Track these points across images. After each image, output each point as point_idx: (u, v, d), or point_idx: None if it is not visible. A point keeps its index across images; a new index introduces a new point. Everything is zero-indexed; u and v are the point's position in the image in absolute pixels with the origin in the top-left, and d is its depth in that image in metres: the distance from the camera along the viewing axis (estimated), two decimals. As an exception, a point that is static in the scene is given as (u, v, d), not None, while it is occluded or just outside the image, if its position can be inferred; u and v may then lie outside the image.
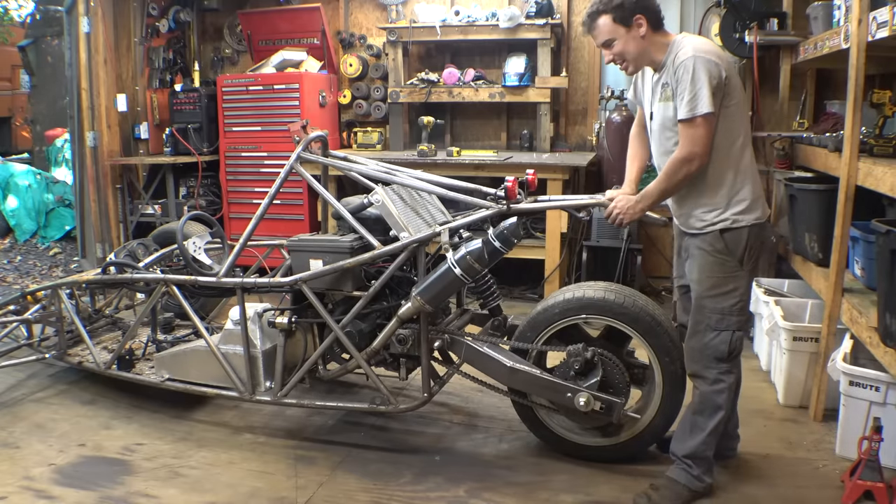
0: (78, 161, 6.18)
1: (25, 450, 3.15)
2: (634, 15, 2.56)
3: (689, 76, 2.45)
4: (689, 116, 2.46)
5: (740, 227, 2.58)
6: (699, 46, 2.51)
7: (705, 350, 2.66)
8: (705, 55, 2.46)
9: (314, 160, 3.24)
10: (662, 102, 2.61)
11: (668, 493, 2.71)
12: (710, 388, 2.67)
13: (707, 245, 2.63)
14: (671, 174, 2.55)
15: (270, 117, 5.70)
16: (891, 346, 2.59)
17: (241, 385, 3.22)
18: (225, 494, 2.81)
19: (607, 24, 2.60)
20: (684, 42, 2.56)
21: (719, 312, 2.63)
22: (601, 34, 2.64)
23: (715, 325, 2.64)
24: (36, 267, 6.70)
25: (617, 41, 2.62)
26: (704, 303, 2.66)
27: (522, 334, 2.95)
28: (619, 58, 2.66)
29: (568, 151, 5.69)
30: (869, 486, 2.61)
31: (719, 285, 2.62)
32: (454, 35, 5.63)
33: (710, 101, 2.43)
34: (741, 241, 2.59)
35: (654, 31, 2.60)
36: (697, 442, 2.69)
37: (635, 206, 2.66)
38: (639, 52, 2.62)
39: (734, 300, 2.62)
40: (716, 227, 2.60)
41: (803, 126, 4.61)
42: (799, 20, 4.57)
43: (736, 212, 2.58)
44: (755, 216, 2.60)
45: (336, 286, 3.07)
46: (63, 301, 3.71)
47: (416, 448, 3.17)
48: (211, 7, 6.44)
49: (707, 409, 2.69)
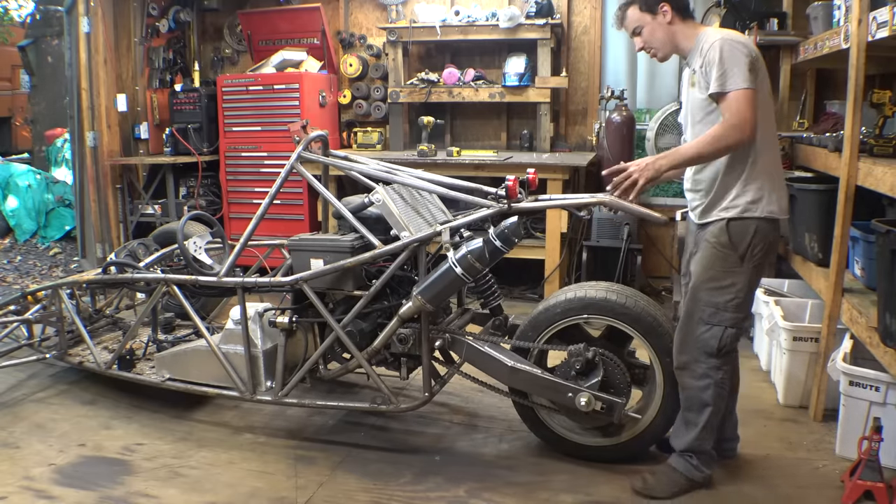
0: (78, 161, 6.18)
1: (25, 450, 3.15)
2: (659, 3, 2.67)
3: (717, 56, 2.49)
4: (721, 91, 2.47)
5: (749, 217, 2.58)
6: (727, 33, 2.58)
7: (695, 343, 2.66)
8: (732, 39, 2.52)
9: (315, 160, 3.24)
10: (690, 88, 2.67)
11: (665, 478, 2.74)
12: (696, 382, 2.67)
13: (712, 237, 2.64)
14: (711, 142, 2.49)
15: (270, 117, 5.70)
16: (891, 346, 2.59)
17: (241, 385, 3.22)
18: (225, 494, 2.81)
19: (634, 13, 2.73)
20: (711, 31, 2.65)
21: (713, 306, 2.63)
22: (630, 23, 2.76)
23: (707, 319, 2.64)
24: (36, 267, 6.69)
25: (644, 29, 2.72)
26: (700, 295, 2.66)
27: (524, 334, 2.95)
28: (647, 45, 2.75)
29: (568, 151, 5.69)
30: (869, 486, 2.61)
31: (717, 278, 2.63)
32: (454, 35, 5.63)
33: (745, 76, 2.45)
34: (747, 234, 2.58)
35: (681, 20, 2.69)
36: (692, 437, 2.71)
37: (655, 162, 2.56)
38: (665, 39, 2.71)
39: (730, 296, 2.62)
40: (725, 214, 2.60)
41: (803, 126, 4.62)
42: (799, 20, 4.57)
43: (748, 201, 2.58)
44: (767, 210, 2.59)
45: (337, 285, 3.07)
46: (63, 301, 3.71)
47: (416, 448, 3.17)
48: (211, 7, 6.44)
49: (694, 405, 2.70)
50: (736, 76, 2.45)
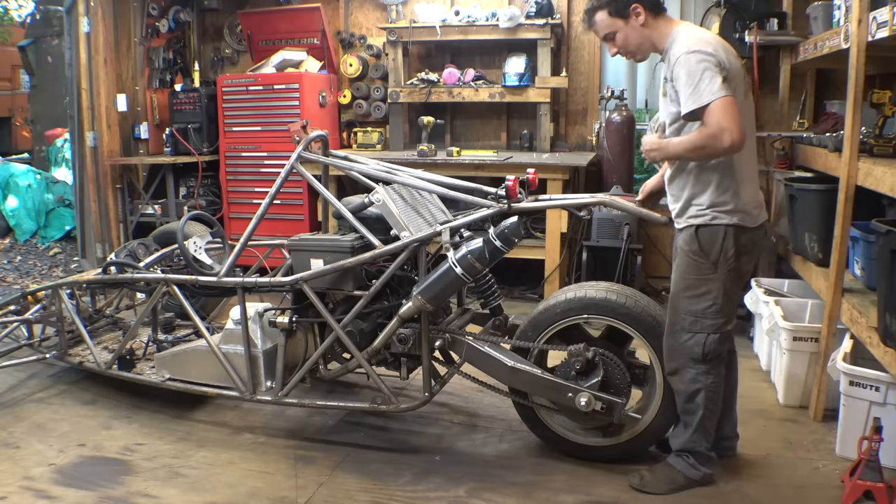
0: (78, 161, 6.18)
1: (25, 450, 3.15)
2: (630, 5, 2.57)
3: (684, 73, 2.40)
4: (695, 107, 2.38)
5: (717, 224, 2.56)
6: (691, 42, 2.45)
7: (681, 350, 2.67)
8: (697, 51, 2.40)
9: (315, 160, 3.24)
10: (664, 98, 2.63)
11: (662, 475, 2.76)
12: (686, 388, 2.68)
13: (685, 244, 2.64)
14: (690, 147, 2.45)
15: (270, 117, 5.70)
16: (891, 346, 2.59)
17: (241, 385, 3.22)
18: (225, 494, 2.81)
19: (605, 19, 2.63)
20: (680, 34, 2.53)
21: (692, 314, 2.63)
22: (601, 29, 2.67)
23: (689, 328, 2.64)
24: (36, 267, 6.69)
25: (618, 34, 2.64)
26: (679, 304, 2.67)
27: (524, 334, 2.95)
28: (622, 49, 2.68)
29: (568, 151, 5.69)
30: (869, 486, 2.61)
31: (693, 287, 2.63)
32: (454, 35, 5.63)
33: (717, 85, 2.35)
34: (716, 241, 2.56)
35: (654, 17, 2.59)
36: (686, 437, 2.73)
37: (651, 151, 2.59)
38: (640, 41, 2.63)
39: (707, 303, 2.61)
40: (694, 221, 2.59)
41: (803, 126, 4.61)
42: (799, 20, 4.57)
43: (717, 210, 2.56)
44: (736, 218, 2.56)
45: (337, 285, 3.07)
46: (64, 301, 3.71)
47: (416, 448, 3.16)
48: (211, 7, 6.45)
49: (687, 409, 2.71)
50: (706, 89, 2.35)
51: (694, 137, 2.45)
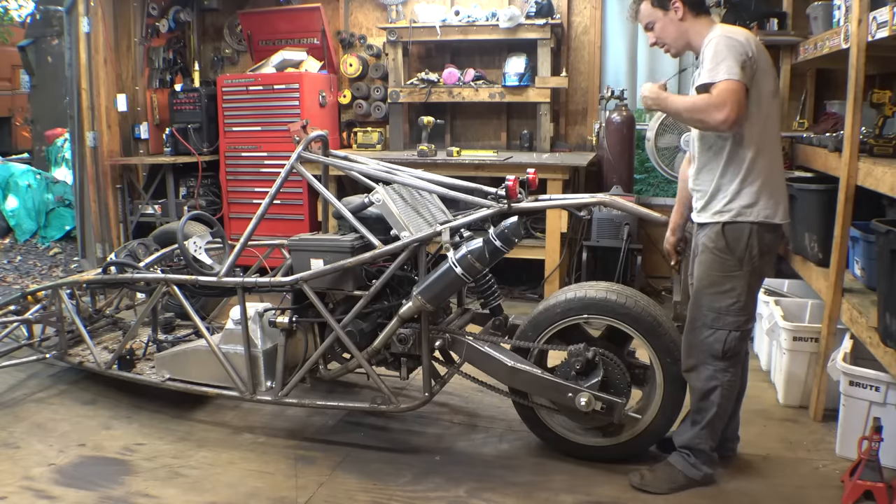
0: (78, 161, 6.18)
1: (25, 450, 3.15)
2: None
3: (712, 50, 2.48)
4: (709, 81, 2.45)
5: (743, 221, 2.58)
6: (729, 29, 2.58)
7: (701, 346, 2.68)
8: (730, 35, 2.51)
9: (315, 160, 3.24)
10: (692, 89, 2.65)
11: (663, 475, 2.76)
12: (703, 385, 2.69)
13: (710, 241, 2.65)
14: (690, 108, 2.51)
15: (270, 117, 5.70)
16: (891, 346, 2.59)
17: (241, 385, 3.22)
18: (225, 494, 2.81)
19: (647, 8, 2.74)
20: (719, 28, 2.62)
21: (715, 311, 2.65)
22: (643, 17, 2.76)
23: (710, 324, 2.66)
24: (36, 267, 6.69)
25: (657, 24, 2.72)
26: (702, 300, 2.68)
27: (524, 334, 2.95)
28: (659, 40, 2.75)
29: (568, 151, 5.69)
30: (869, 486, 2.61)
31: (717, 283, 2.64)
32: (454, 35, 5.63)
33: (735, 69, 2.42)
34: (742, 238, 2.59)
35: (693, 16, 2.66)
36: (692, 434, 2.74)
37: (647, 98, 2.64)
38: (677, 36, 2.70)
39: (731, 300, 2.63)
40: (720, 218, 2.60)
41: (803, 126, 4.62)
42: (799, 20, 4.57)
43: (742, 205, 2.58)
44: (763, 215, 2.58)
45: (337, 285, 3.07)
46: (64, 301, 3.71)
47: (416, 448, 3.16)
48: (211, 7, 6.45)
49: (701, 406, 2.72)
50: (724, 68, 2.43)
51: (696, 99, 2.52)
